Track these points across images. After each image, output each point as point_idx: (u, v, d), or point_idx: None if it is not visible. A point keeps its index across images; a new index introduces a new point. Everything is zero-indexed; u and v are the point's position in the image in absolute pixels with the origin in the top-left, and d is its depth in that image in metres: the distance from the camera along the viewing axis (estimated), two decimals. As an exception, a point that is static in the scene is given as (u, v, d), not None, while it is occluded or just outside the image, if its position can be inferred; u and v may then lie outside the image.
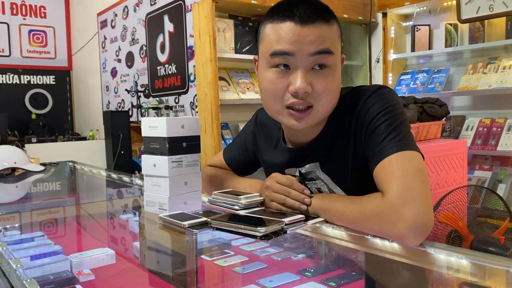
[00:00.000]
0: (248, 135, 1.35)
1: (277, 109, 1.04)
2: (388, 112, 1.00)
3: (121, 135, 4.95)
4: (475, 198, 2.15)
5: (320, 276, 0.73)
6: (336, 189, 1.11)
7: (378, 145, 0.98)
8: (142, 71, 5.61)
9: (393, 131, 0.98)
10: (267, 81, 1.03)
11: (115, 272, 0.82)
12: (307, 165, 1.13)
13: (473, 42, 3.06)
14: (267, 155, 1.26)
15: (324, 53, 0.98)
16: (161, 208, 1.13)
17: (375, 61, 3.71)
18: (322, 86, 0.99)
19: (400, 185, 0.90)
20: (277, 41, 0.99)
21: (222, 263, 0.79)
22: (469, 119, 3.13)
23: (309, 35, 0.97)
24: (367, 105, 1.03)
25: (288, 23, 0.98)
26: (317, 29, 0.97)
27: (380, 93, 1.03)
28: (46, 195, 1.78)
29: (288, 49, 0.98)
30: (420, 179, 0.91)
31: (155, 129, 1.12)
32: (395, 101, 1.03)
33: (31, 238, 0.94)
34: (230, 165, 1.41)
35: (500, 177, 2.91)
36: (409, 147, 0.96)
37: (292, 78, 0.99)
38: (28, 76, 7.42)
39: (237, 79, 3.34)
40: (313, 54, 0.97)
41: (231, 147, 1.42)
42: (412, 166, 0.93)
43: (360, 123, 1.03)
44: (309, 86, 0.98)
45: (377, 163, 0.97)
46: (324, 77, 1.00)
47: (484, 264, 0.74)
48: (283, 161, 1.19)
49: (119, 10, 6.11)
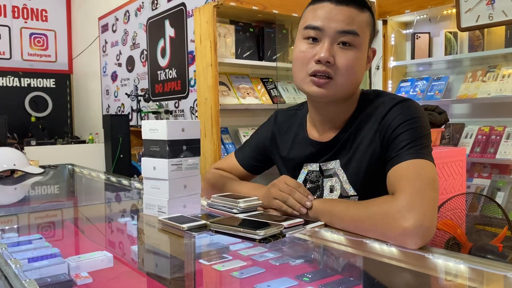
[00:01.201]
0: (265, 133, 1.37)
1: (302, 76, 1.10)
2: (414, 123, 1.05)
3: (121, 139, 4.94)
4: (474, 205, 2.15)
5: (318, 281, 0.73)
6: (349, 188, 1.12)
7: (398, 150, 1.03)
8: (143, 75, 5.62)
9: (415, 141, 1.02)
10: (298, 51, 1.11)
11: (113, 276, 0.81)
12: (326, 162, 1.16)
13: (472, 50, 3.07)
14: (287, 151, 1.28)
15: (350, 34, 1.06)
16: (160, 211, 1.13)
17: (375, 68, 3.72)
18: (343, 61, 1.06)
19: (412, 188, 0.94)
20: (312, 17, 1.09)
21: (220, 268, 0.79)
22: (468, 126, 3.13)
23: (339, 15, 1.06)
24: (394, 113, 1.07)
25: (324, 3, 1.08)
26: (348, 11, 1.06)
27: (408, 105, 1.09)
28: (45, 197, 1.78)
29: (319, 24, 1.07)
30: (432, 187, 0.95)
31: (156, 132, 1.12)
32: (420, 114, 1.08)
33: (28, 241, 0.94)
34: (243, 164, 1.41)
35: (498, 185, 2.91)
36: (426, 157, 1.01)
37: (318, 49, 1.07)
38: (28, 79, 7.43)
39: (237, 84, 3.35)
40: (340, 32, 1.05)
41: (243, 148, 1.44)
42: (427, 174, 0.97)
43: (385, 128, 1.07)
44: (332, 57, 1.05)
45: (394, 165, 1.01)
46: (347, 54, 1.06)
47: (482, 269, 0.74)
48: (304, 154, 1.21)
49: (120, 15, 6.13)
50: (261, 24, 3.41)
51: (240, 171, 1.41)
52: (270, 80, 3.58)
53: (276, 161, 1.34)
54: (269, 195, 1.13)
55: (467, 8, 2.87)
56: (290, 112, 1.34)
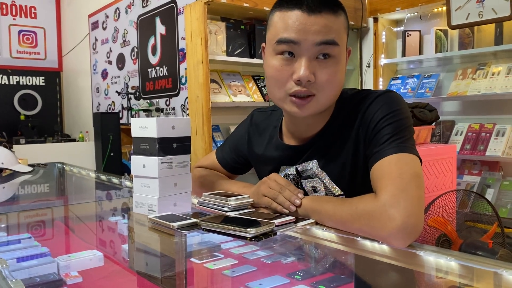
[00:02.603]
0: (242, 134, 1.35)
1: (281, 96, 1.05)
2: (395, 116, 1.01)
3: (111, 137, 4.91)
4: (464, 202, 2.16)
5: (309, 279, 0.73)
6: (333, 188, 1.11)
7: (380, 145, 1.00)
8: (133, 73, 5.59)
9: (397, 134, 0.99)
10: (272, 68, 1.04)
11: (103, 275, 0.81)
12: (303, 163, 1.13)
13: (462, 48, 3.09)
14: (261, 151, 1.26)
15: (328, 44, 0.99)
16: (150, 209, 1.12)
17: (366, 65, 3.73)
18: (325, 76, 1.00)
19: (395, 187, 0.91)
20: (284, 29, 1.00)
21: (212, 266, 0.78)
22: (459, 124, 3.15)
23: (315, 25, 0.98)
24: (374, 107, 1.04)
25: (295, 12, 0.99)
26: (324, 19, 0.98)
27: (388, 96, 1.05)
28: (34, 196, 1.76)
29: (294, 37, 0.99)
30: (416, 184, 0.92)
31: (145, 130, 1.11)
32: (401, 106, 1.04)
33: (17, 240, 0.92)
34: (222, 164, 1.40)
35: (488, 182, 2.94)
36: (409, 151, 0.98)
37: (296, 66, 1.00)
38: (18, 77, 7.34)
39: (229, 81, 3.34)
40: (318, 44, 0.98)
41: (223, 146, 1.42)
42: (410, 170, 0.94)
43: (366, 124, 1.04)
44: (312, 75, 0.99)
45: (376, 161, 0.98)
46: (328, 67, 1.01)
47: (473, 266, 0.75)
48: (279, 158, 1.19)
49: (111, 12, 6.08)
50: (252, 21, 3.40)
51: (221, 171, 1.40)
52: (261, 77, 3.57)
53: (253, 162, 1.33)
54: (258, 192, 1.12)
55: (457, 6, 2.89)
56: (266, 113, 1.31)
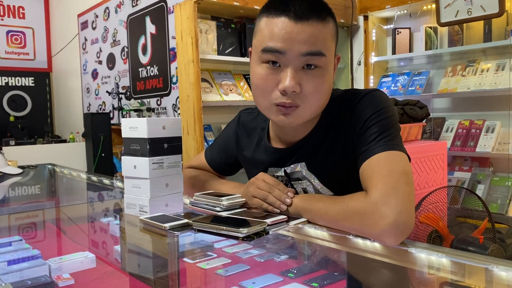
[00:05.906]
0: (230, 135, 1.35)
1: (266, 105, 1.04)
2: (380, 114, 1.01)
3: (102, 138, 4.89)
4: (455, 198, 2.18)
5: (303, 277, 0.73)
6: (323, 190, 1.11)
7: (368, 144, 0.99)
8: (124, 73, 5.56)
9: (384, 132, 0.99)
10: (258, 76, 1.02)
11: (95, 276, 0.80)
12: (292, 165, 1.13)
13: (452, 45, 3.11)
14: (250, 154, 1.26)
15: (315, 55, 0.97)
16: (141, 210, 1.11)
17: (356, 63, 3.74)
18: (310, 87, 0.99)
19: (384, 185, 0.91)
20: (270, 37, 0.98)
21: (205, 266, 0.78)
22: (449, 121, 3.17)
23: (302, 34, 0.96)
24: (360, 107, 1.03)
25: (282, 19, 0.97)
26: (311, 27, 0.96)
27: (373, 96, 1.05)
28: (24, 198, 1.74)
29: (279, 47, 0.97)
30: (405, 181, 0.93)
31: (136, 130, 1.11)
32: (387, 104, 1.04)
33: (8, 243, 0.91)
34: (211, 165, 1.40)
35: (479, 178, 2.96)
36: (397, 148, 0.98)
37: (281, 76, 0.98)
38: (6, 78, 7.27)
39: (220, 80, 3.33)
40: (304, 54, 0.97)
41: (212, 147, 1.41)
42: (399, 167, 0.95)
43: (353, 124, 1.03)
44: (298, 86, 0.98)
45: (364, 160, 0.98)
46: (314, 77, 0.99)
47: (464, 262, 0.75)
48: (267, 160, 1.18)
49: (100, 11, 6.04)
50: (242, 20, 3.40)
51: (210, 172, 1.40)
52: (252, 76, 3.57)
53: (242, 162, 1.32)
54: (247, 194, 1.11)
55: (446, 4, 2.91)
56: (253, 114, 1.30)
